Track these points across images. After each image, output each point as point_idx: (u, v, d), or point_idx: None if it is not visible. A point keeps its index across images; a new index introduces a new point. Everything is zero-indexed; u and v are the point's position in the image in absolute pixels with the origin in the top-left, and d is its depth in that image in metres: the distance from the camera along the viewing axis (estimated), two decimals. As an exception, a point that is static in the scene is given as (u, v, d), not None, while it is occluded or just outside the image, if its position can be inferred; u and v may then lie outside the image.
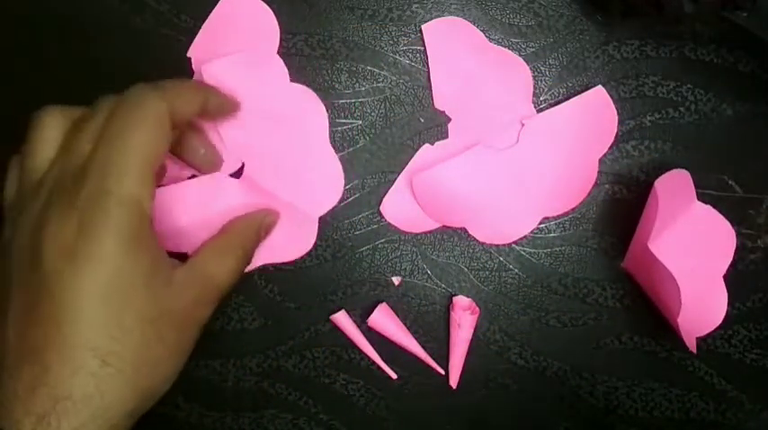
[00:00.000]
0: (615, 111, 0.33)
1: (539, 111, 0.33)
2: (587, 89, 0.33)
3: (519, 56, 0.33)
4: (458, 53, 0.33)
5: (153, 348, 0.25)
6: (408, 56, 0.33)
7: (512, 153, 0.33)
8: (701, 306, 0.32)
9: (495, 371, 0.34)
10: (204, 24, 0.33)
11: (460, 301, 0.33)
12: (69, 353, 0.23)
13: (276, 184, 0.33)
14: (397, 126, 0.34)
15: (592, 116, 0.33)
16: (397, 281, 0.34)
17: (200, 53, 0.33)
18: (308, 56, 0.33)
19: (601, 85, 0.33)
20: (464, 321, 0.33)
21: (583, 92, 0.33)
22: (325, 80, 0.33)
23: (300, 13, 0.33)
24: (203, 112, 0.29)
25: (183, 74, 0.33)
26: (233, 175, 0.33)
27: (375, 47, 0.33)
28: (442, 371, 0.34)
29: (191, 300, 0.26)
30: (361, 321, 0.34)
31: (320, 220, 0.33)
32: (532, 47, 0.33)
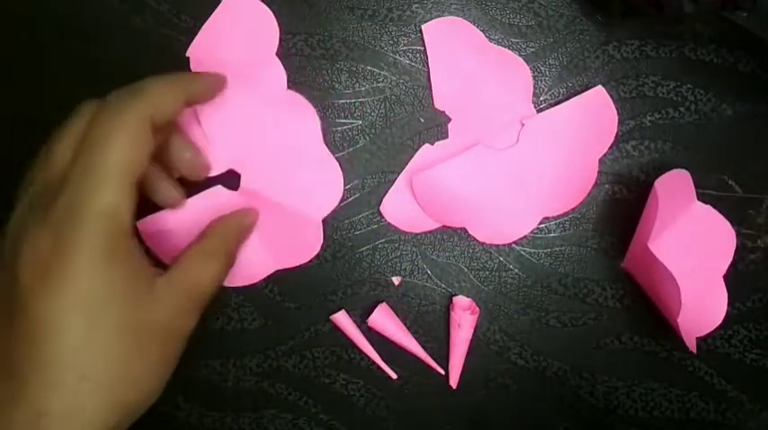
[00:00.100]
0: (615, 112, 0.33)
1: (539, 112, 0.33)
2: (587, 89, 0.33)
3: (519, 56, 0.33)
4: (458, 53, 0.33)
5: (133, 362, 0.24)
6: (408, 56, 0.33)
7: (512, 153, 0.33)
8: (701, 306, 0.32)
9: (495, 371, 0.34)
10: (204, 25, 0.33)
11: (460, 301, 0.33)
12: (46, 369, 0.23)
13: (274, 192, 0.33)
14: (397, 126, 0.34)
15: (592, 116, 0.33)
16: (397, 281, 0.34)
17: (199, 53, 0.33)
18: (308, 56, 0.33)
19: (601, 85, 0.33)
20: (464, 321, 0.33)
21: (583, 92, 0.33)
22: (325, 80, 0.33)
23: (300, 13, 0.33)
24: (188, 104, 0.28)
25: (183, 74, 0.33)
26: (229, 187, 0.32)
27: (375, 47, 0.33)
28: (442, 371, 0.34)
29: (173, 309, 0.26)
30: (361, 321, 0.34)
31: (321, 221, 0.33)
32: (532, 47, 0.33)
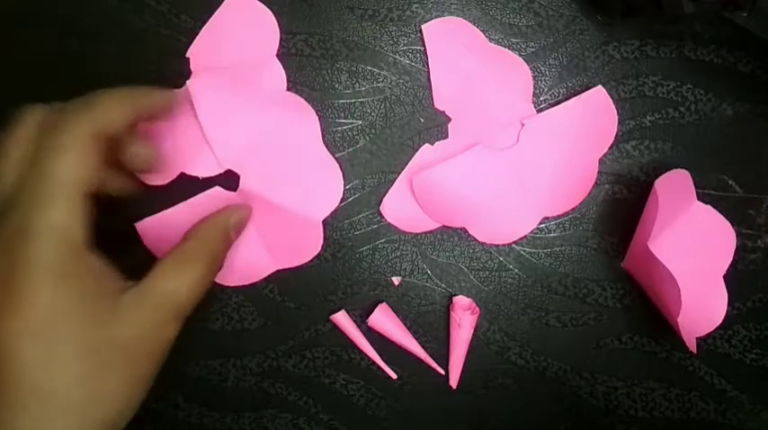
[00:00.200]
0: (615, 112, 0.33)
1: (539, 112, 0.33)
2: (587, 89, 0.33)
3: (519, 56, 0.33)
4: (458, 53, 0.33)
5: (101, 381, 0.23)
6: (408, 56, 0.33)
7: (512, 153, 0.33)
8: (701, 306, 0.32)
9: (495, 371, 0.34)
10: (205, 26, 0.33)
11: (460, 301, 0.33)
12: (9, 394, 0.22)
13: (274, 193, 0.33)
14: (397, 126, 0.34)
15: (592, 116, 0.33)
16: (397, 281, 0.34)
17: (199, 53, 0.33)
18: (308, 56, 0.33)
19: (601, 85, 0.33)
20: (464, 321, 0.33)
21: (583, 92, 0.33)
22: (325, 80, 0.33)
23: (300, 13, 0.33)
24: (137, 119, 0.27)
25: (183, 74, 0.33)
26: (228, 188, 0.32)
27: (375, 47, 0.33)
28: (442, 371, 0.34)
29: (144, 323, 0.24)
30: (361, 321, 0.34)
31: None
32: (532, 47, 0.33)
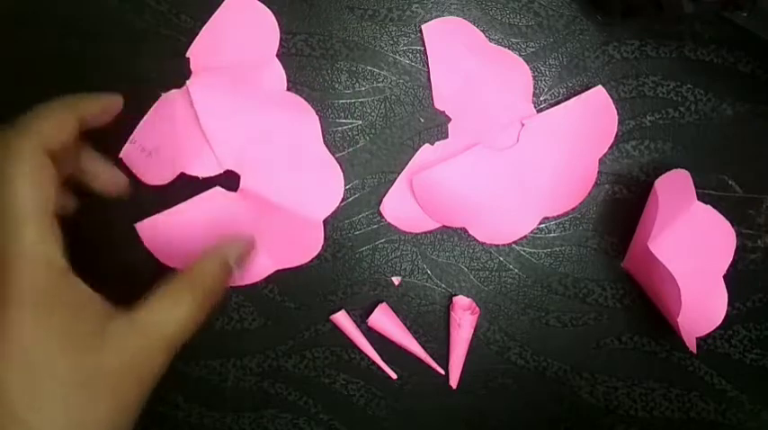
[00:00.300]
0: (615, 112, 0.33)
1: (539, 112, 0.33)
2: (587, 89, 0.33)
3: (519, 56, 0.33)
4: (458, 53, 0.33)
5: (87, 410, 0.23)
6: (408, 56, 0.33)
7: (512, 153, 0.33)
8: (701, 306, 0.32)
9: (495, 371, 0.34)
10: (205, 26, 0.33)
11: (460, 301, 0.33)
12: None
13: (274, 193, 0.32)
14: (397, 126, 0.34)
15: (592, 116, 0.33)
16: (397, 281, 0.34)
17: (199, 53, 0.33)
18: (308, 56, 0.33)
19: (601, 85, 0.33)
20: (464, 321, 0.33)
21: (583, 92, 0.33)
22: (325, 80, 0.33)
23: (300, 13, 0.33)
24: (83, 126, 0.27)
25: (183, 74, 0.33)
26: (228, 188, 0.32)
27: (375, 47, 0.33)
28: (442, 371, 0.34)
29: (131, 353, 0.24)
30: (361, 321, 0.34)
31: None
32: (532, 47, 0.33)
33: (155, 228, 0.31)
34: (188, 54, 0.33)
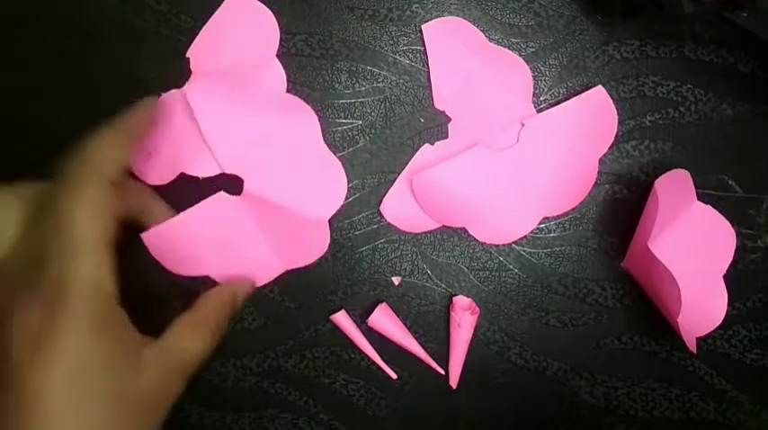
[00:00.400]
0: (615, 112, 0.33)
1: (539, 112, 0.33)
2: (587, 89, 0.33)
3: (519, 56, 0.33)
4: (458, 53, 0.33)
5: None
6: (408, 56, 0.33)
7: (512, 153, 0.33)
8: (701, 306, 0.32)
9: (495, 371, 0.34)
10: (205, 26, 0.33)
11: (460, 301, 0.33)
12: None
13: (277, 194, 0.32)
14: (397, 126, 0.34)
15: (592, 116, 0.33)
16: (397, 281, 0.34)
17: (199, 53, 0.33)
18: (308, 56, 0.33)
19: (601, 85, 0.33)
20: (464, 321, 0.33)
21: (583, 92, 0.33)
22: (325, 80, 0.33)
23: (300, 13, 0.33)
24: (135, 142, 0.29)
25: (183, 74, 0.33)
26: (232, 192, 0.32)
27: (375, 47, 0.33)
28: (442, 371, 0.34)
29: (160, 378, 0.26)
30: (361, 321, 0.34)
31: (320, 220, 0.33)
32: (532, 47, 0.33)
33: (160, 236, 0.31)
34: (188, 54, 0.33)
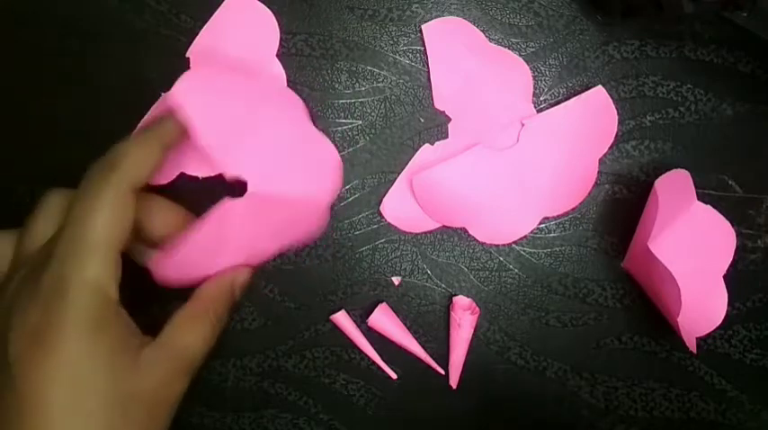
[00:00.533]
0: (615, 112, 0.33)
1: (539, 112, 0.33)
2: (587, 89, 0.33)
3: (519, 56, 0.33)
4: (458, 53, 0.33)
5: None
6: (408, 56, 0.33)
7: (512, 153, 0.33)
8: (701, 306, 0.32)
9: (495, 371, 0.34)
10: (205, 26, 0.33)
11: (460, 301, 0.33)
12: None
13: (280, 187, 0.31)
14: (397, 126, 0.34)
15: (592, 116, 0.33)
16: (397, 281, 0.34)
17: (199, 53, 0.33)
18: (308, 56, 0.33)
19: (601, 85, 0.33)
20: (464, 321, 0.33)
21: (583, 92, 0.33)
22: (325, 80, 0.33)
23: (300, 13, 0.33)
24: (167, 151, 0.28)
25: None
26: (235, 195, 0.30)
27: (375, 47, 0.33)
28: (442, 371, 0.34)
29: (161, 377, 0.26)
30: (361, 321, 0.34)
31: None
32: (532, 47, 0.33)
33: (169, 259, 0.29)
34: (188, 54, 0.33)
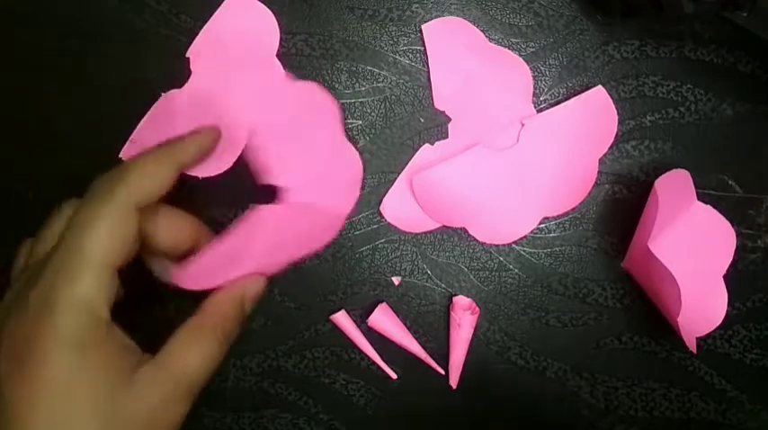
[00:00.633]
0: (615, 112, 0.33)
1: (539, 112, 0.33)
2: (587, 89, 0.33)
3: (519, 56, 0.33)
4: (458, 53, 0.33)
5: None
6: (408, 56, 0.33)
7: (512, 153, 0.33)
8: (701, 306, 0.32)
9: (495, 371, 0.34)
10: (205, 26, 0.33)
11: (460, 301, 0.33)
12: None
13: (310, 194, 0.31)
14: (397, 126, 0.34)
15: (592, 116, 0.33)
16: (397, 281, 0.34)
17: (199, 53, 0.33)
18: (308, 56, 0.33)
19: (601, 85, 0.33)
20: (464, 321, 0.33)
21: (583, 92, 0.33)
22: (325, 80, 0.33)
23: (300, 13, 0.33)
24: (181, 172, 0.27)
25: (183, 74, 0.33)
26: (265, 202, 0.30)
27: (375, 47, 0.33)
28: (442, 371, 0.34)
29: (157, 400, 0.24)
30: (361, 321, 0.34)
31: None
32: (532, 47, 0.33)
33: (197, 267, 0.28)
34: (188, 54, 0.33)
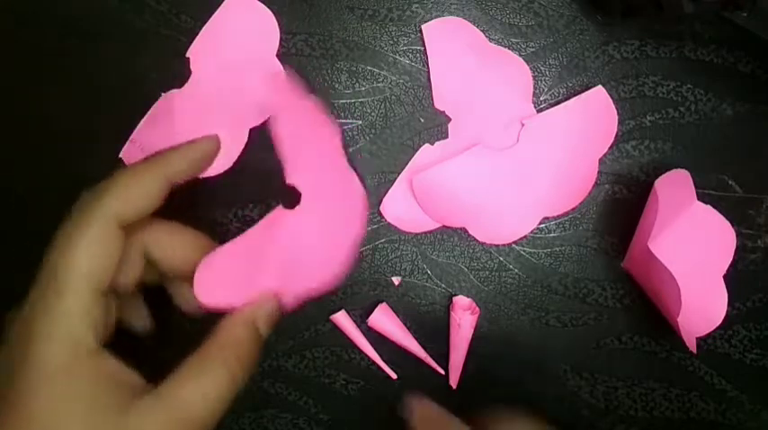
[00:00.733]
0: (615, 112, 0.33)
1: (539, 112, 0.33)
2: (587, 89, 0.33)
3: (519, 56, 0.33)
4: (458, 53, 0.33)
5: None
6: (408, 56, 0.33)
7: (512, 153, 0.33)
8: (701, 306, 0.32)
9: (496, 371, 0.34)
10: (205, 26, 0.33)
11: (460, 301, 0.33)
12: None
13: (327, 206, 0.29)
14: (397, 126, 0.34)
15: (592, 116, 0.33)
16: (397, 281, 0.34)
17: (199, 53, 0.33)
18: (308, 56, 0.33)
19: (601, 85, 0.33)
20: (464, 321, 0.33)
21: (583, 92, 0.33)
22: (325, 80, 0.33)
23: (300, 13, 0.33)
24: (173, 185, 0.25)
25: (183, 74, 0.33)
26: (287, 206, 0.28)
27: (375, 47, 0.33)
28: (442, 371, 0.34)
29: None
30: (361, 321, 0.34)
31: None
32: (532, 47, 0.33)
33: (211, 268, 0.26)
34: (188, 54, 0.33)
